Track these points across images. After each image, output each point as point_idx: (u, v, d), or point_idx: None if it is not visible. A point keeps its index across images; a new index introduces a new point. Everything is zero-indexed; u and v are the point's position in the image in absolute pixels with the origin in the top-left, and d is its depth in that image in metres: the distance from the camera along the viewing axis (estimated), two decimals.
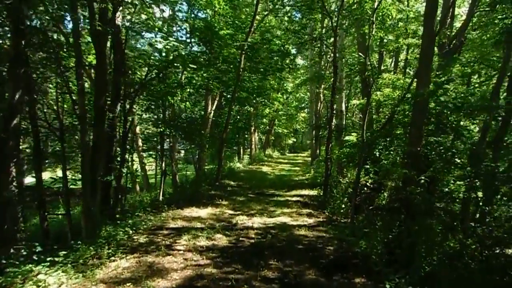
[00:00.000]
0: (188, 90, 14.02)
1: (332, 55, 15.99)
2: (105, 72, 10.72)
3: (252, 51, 15.56)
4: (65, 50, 11.15)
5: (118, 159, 11.97)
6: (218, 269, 5.79)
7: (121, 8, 11.15)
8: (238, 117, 25.61)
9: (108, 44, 12.18)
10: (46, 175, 15.37)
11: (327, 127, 14.42)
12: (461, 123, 8.28)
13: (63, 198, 11.84)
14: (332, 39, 14.20)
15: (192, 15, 14.38)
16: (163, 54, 10.72)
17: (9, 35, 10.50)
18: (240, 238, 7.57)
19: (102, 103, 10.58)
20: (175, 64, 10.78)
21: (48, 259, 5.94)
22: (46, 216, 11.63)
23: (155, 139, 17.21)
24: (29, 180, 13.92)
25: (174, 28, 15.34)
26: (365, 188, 10.71)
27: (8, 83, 8.73)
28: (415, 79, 10.43)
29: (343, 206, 10.30)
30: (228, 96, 18.96)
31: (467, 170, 6.69)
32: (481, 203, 6.84)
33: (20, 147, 11.93)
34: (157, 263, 5.94)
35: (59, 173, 16.60)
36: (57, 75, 11.01)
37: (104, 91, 10.70)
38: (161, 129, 15.14)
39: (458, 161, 7.51)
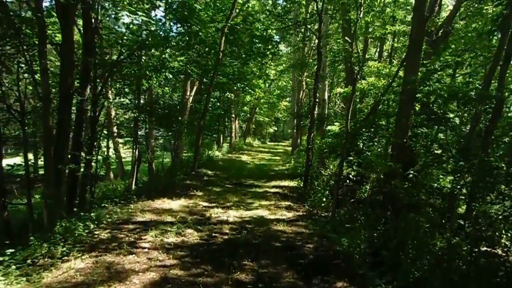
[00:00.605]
0: (165, 74, 13.21)
1: (316, 41, 15.42)
2: (72, 50, 9.89)
3: (233, 33, 14.83)
4: (29, 27, 10.25)
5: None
6: (186, 270, 5.18)
7: None
8: (218, 103, 24.88)
9: (81, 22, 11.32)
10: (16, 160, 14.38)
11: (309, 116, 13.90)
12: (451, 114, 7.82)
13: (24, 187, 10.98)
14: (317, 24, 13.63)
15: None
16: (133, 31, 9.90)
17: None
18: (213, 234, 6.97)
19: (69, 84, 9.77)
20: (148, 44, 9.99)
21: None
22: (6, 205, 10.81)
23: (132, 125, 16.41)
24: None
25: (153, 13, 14.47)
26: (348, 181, 10.24)
27: None
28: (402, 68, 9.97)
29: (324, 199, 9.79)
30: (208, 81, 18.21)
31: (459, 164, 6.21)
32: (471, 200, 6.43)
33: None
34: (117, 263, 5.28)
35: (31, 158, 15.74)
36: (19, 52, 10.08)
37: (71, 72, 9.88)
38: (135, 115, 14.36)
39: (449, 154, 7.06)
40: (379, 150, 10.35)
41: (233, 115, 27.99)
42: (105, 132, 19.08)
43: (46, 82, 9.53)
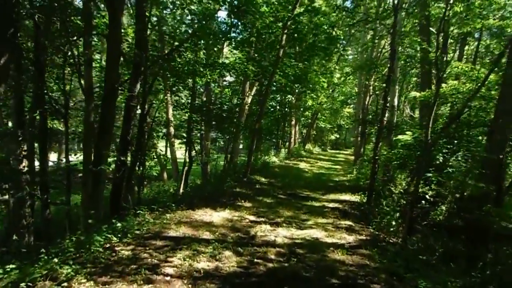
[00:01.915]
0: (219, 71, 12.26)
1: (388, 40, 13.77)
2: (119, 41, 9.18)
3: (296, 31, 13.49)
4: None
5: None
6: None
7: None
8: (278, 107, 23.73)
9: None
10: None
11: (378, 122, 12.31)
12: None
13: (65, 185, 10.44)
14: (390, 20, 12.03)
15: None
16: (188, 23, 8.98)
17: None
18: (255, 260, 5.71)
19: (114, 78, 9.06)
20: (199, 35, 9.04)
21: None
22: (48, 204, 10.38)
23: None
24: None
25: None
26: (423, 202, 8.51)
27: None
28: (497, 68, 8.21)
29: (393, 222, 8.15)
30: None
31: None
32: None
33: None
34: None
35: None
36: (67, 44, 9.56)
37: (116, 64, 9.19)
38: (188, 115, 13.61)
39: None
40: (463, 166, 8.54)
41: (293, 120, 26.66)
42: (161, 131, 18.66)
43: (89, 75, 8.93)
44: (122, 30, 11.62)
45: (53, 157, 23.09)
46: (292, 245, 6.60)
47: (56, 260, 4.82)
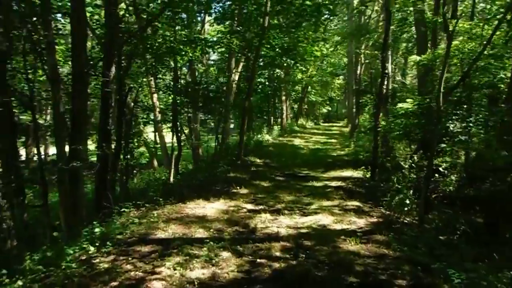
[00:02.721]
0: (201, 47, 11.23)
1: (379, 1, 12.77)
2: (83, 19, 8.13)
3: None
4: None
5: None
6: None
7: None
8: (267, 83, 22.73)
9: None
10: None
11: (375, 91, 11.49)
12: None
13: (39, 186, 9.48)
14: None
15: None
16: None
17: None
18: (258, 260, 4.88)
19: (82, 62, 8.03)
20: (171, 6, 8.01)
21: None
22: (25, 206, 9.43)
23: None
24: None
25: None
26: (436, 175, 7.72)
27: None
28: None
29: (407, 201, 7.31)
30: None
31: None
32: None
33: None
34: None
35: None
36: (24, 27, 8.41)
37: (83, 46, 8.16)
38: (171, 97, 12.63)
39: None
40: (481, 134, 7.77)
41: (284, 95, 25.71)
42: (145, 117, 17.66)
43: (53, 59, 7.87)
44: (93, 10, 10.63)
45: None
46: (298, 237, 5.81)
47: (20, 283, 3.97)
